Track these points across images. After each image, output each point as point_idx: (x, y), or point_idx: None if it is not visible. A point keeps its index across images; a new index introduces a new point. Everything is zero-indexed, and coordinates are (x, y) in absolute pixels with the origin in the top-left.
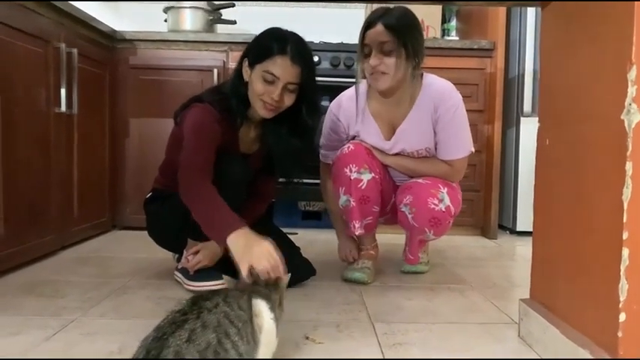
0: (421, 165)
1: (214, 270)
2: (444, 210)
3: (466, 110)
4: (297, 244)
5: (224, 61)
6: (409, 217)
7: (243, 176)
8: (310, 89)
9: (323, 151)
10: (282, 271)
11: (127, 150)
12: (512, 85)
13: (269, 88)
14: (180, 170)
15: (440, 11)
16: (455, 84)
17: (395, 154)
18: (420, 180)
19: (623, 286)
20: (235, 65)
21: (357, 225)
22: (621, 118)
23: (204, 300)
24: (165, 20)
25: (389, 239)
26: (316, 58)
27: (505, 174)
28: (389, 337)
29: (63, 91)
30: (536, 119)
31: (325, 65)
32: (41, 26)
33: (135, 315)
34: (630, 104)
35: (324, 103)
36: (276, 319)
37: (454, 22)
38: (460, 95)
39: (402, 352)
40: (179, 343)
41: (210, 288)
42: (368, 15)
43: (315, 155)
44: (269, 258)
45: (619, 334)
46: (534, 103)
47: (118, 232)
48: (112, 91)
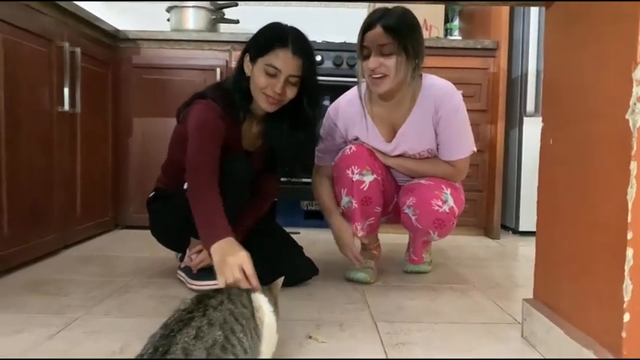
0: (423, 166)
1: None
2: (448, 211)
3: (469, 110)
4: (299, 243)
5: (227, 61)
6: (413, 218)
7: (246, 174)
8: (311, 82)
9: (318, 154)
10: (254, 283)
11: (130, 149)
12: (515, 85)
13: (271, 81)
14: (188, 172)
15: (443, 11)
16: (458, 84)
17: (396, 155)
18: (423, 181)
19: (627, 287)
20: (237, 61)
21: (359, 227)
22: (626, 117)
23: (209, 298)
24: (168, 20)
25: (391, 239)
26: (319, 57)
27: (508, 174)
28: (392, 336)
29: (66, 90)
30: (539, 119)
31: (328, 65)
32: (45, 25)
33: (138, 313)
34: (635, 104)
35: (325, 102)
36: (274, 304)
37: (457, 22)
38: (460, 95)
39: (404, 352)
40: (187, 340)
41: (214, 287)
42: (366, 16)
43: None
44: (240, 270)
45: (623, 334)
46: (537, 103)
47: (120, 231)
48: (115, 91)
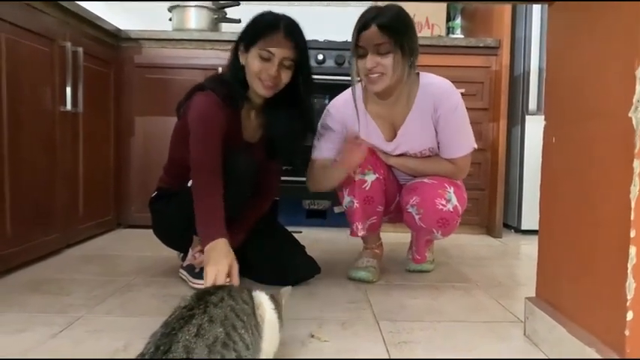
0: (425, 165)
1: None
2: (451, 210)
3: (471, 108)
4: (301, 242)
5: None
6: (416, 217)
7: (248, 166)
8: (305, 66)
9: (314, 152)
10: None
11: (132, 148)
12: (517, 83)
13: (266, 65)
14: (193, 170)
15: (445, 9)
16: (460, 82)
17: (398, 155)
18: (426, 180)
19: (630, 285)
20: (230, 51)
21: (359, 227)
22: (629, 115)
23: (209, 295)
24: (170, 19)
25: (394, 238)
26: (321, 56)
27: (510, 172)
28: (394, 335)
29: (68, 90)
30: (542, 117)
31: (330, 64)
32: (47, 25)
33: (140, 312)
34: (638, 101)
35: (326, 102)
36: (279, 312)
37: (459, 20)
38: (459, 93)
39: (407, 351)
40: (188, 337)
41: None
42: (360, 15)
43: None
44: (216, 279)
45: (626, 332)
46: (540, 101)
47: (122, 230)
48: (117, 90)
